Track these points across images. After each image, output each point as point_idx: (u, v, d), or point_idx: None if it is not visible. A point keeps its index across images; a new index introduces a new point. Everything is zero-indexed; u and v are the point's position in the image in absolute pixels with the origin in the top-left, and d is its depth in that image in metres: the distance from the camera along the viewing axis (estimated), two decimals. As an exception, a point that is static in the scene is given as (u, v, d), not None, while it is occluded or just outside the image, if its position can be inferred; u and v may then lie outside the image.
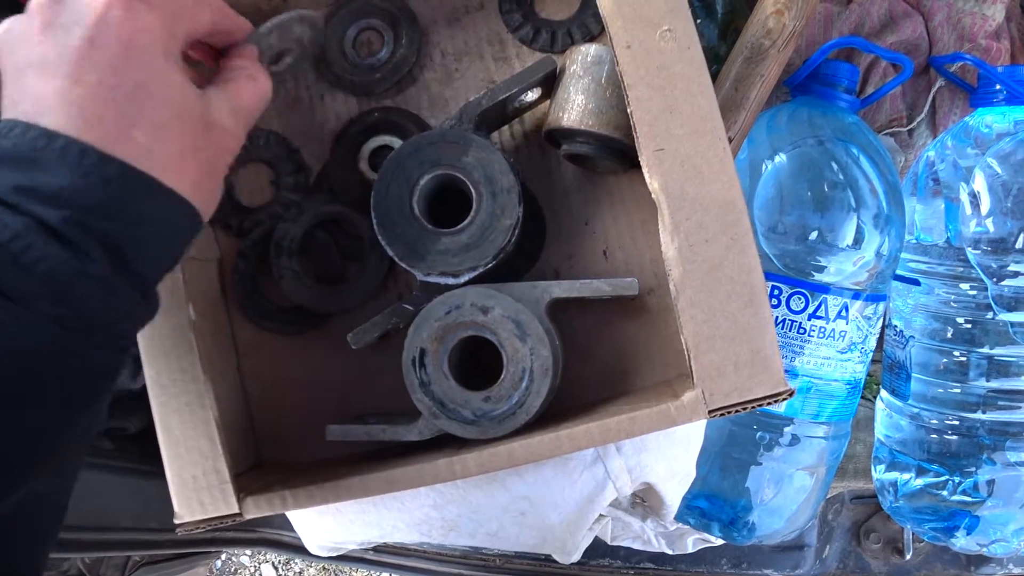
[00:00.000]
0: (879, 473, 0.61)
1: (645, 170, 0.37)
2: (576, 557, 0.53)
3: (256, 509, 0.40)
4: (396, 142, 0.45)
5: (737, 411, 0.37)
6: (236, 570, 1.17)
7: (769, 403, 0.37)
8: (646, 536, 0.64)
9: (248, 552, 1.15)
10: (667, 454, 0.46)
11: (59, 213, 0.27)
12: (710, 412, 0.37)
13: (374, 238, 0.45)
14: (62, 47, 0.29)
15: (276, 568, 1.16)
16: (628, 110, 0.37)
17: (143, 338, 0.41)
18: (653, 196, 0.37)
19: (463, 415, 0.39)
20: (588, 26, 0.46)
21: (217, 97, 0.34)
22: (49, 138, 0.28)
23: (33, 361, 0.26)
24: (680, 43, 0.38)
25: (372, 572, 1.10)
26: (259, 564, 1.16)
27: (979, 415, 0.55)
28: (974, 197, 0.53)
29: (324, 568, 1.12)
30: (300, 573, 1.15)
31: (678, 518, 0.58)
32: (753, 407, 0.37)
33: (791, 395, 0.37)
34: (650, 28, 0.38)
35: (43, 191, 0.27)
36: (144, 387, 0.59)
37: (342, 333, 0.47)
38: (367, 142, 0.46)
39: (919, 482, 0.58)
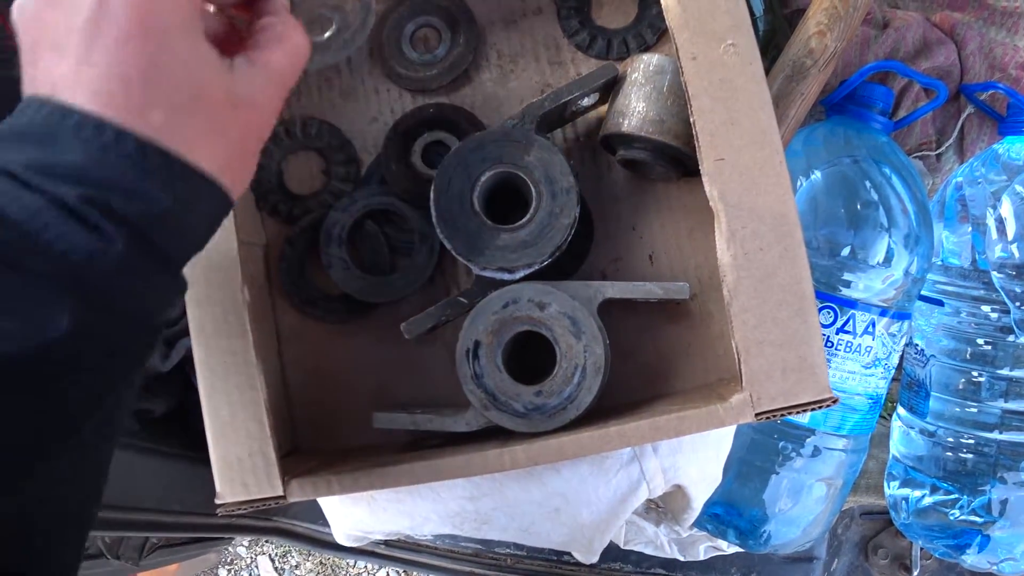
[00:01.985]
0: (892, 489, 0.62)
1: (705, 178, 0.38)
2: (596, 558, 0.54)
3: (301, 492, 0.41)
4: (450, 138, 0.46)
5: (783, 415, 0.38)
6: (232, 560, 1.16)
7: (814, 408, 0.38)
8: (659, 541, 0.65)
9: (245, 543, 1.15)
10: (700, 456, 0.47)
11: (75, 191, 0.26)
12: (757, 415, 0.37)
13: (424, 231, 0.46)
14: (69, 25, 0.27)
15: (273, 560, 1.15)
16: (691, 120, 0.38)
17: (193, 319, 0.42)
18: (711, 204, 0.38)
19: (514, 408, 0.39)
20: (643, 36, 0.47)
21: (246, 69, 0.31)
22: (63, 114, 0.27)
23: (54, 342, 0.25)
24: (743, 58, 0.39)
25: (370, 565, 1.11)
26: (255, 556, 1.15)
27: (995, 435, 0.56)
28: (1000, 223, 0.55)
29: (321, 563, 1.12)
30: (296, 566, 1.15)
31: (694, 523, 0.58)
32: (798, 412, 0.38)
33: (835, 402, 0.38)
34: (715, 42, 0.39)
35: (58, 168, 0.26)
36: (172, 369, 0.60)
37: (383, 323, 0.48)
38: (420, 137, 0.47)
39: (931, 499, 0.59)
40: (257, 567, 1.16)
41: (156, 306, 0.29)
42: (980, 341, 0.56)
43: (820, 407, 0.38)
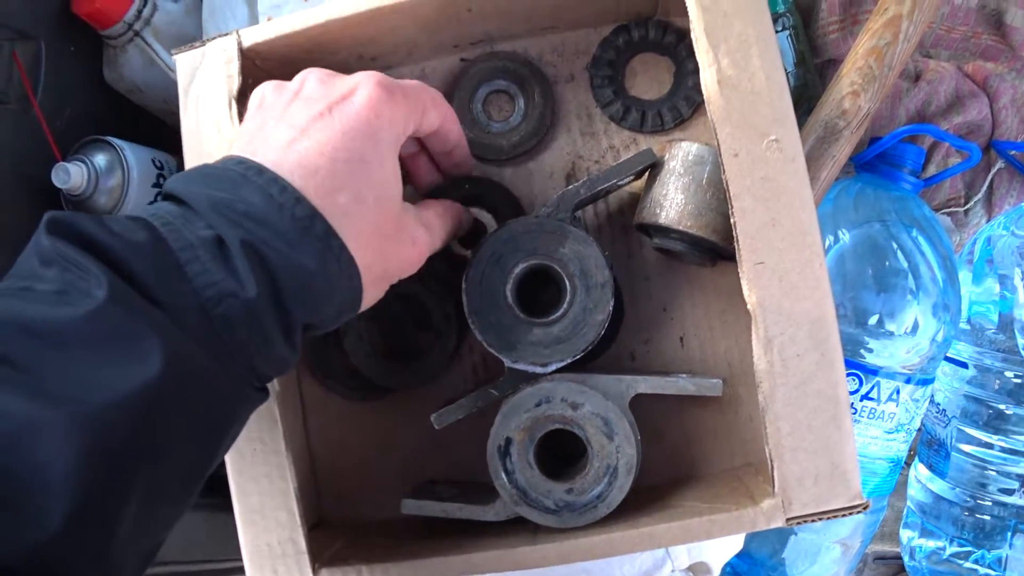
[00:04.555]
0: (907, 541, 0.63)
1: (744, 283, 0.37)
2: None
3: (331, 580, 0.41)
4: (485, 216, 0.45)
5: (813, 520, 0.38)
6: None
7: (845, 514, 0.38)
8: (673, 584, 0.66)
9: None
10: (723, 534, 0.47)
11: (238, 233, 0.28)
12: (788, 520, 0.38)
13: (448, 312, 0.45)
14: (307, 110, 0.32)
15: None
16: (732, 220, 0.37)
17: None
18: (749, 308, 0.37)
19: (544, 504, 0.39)
20: (679, 108, 0.46)
21: (413, 210, 0.35)
22: (259, 170, 0.29)
23: (165, 377, 0.25)
24: (786, 154, 0.38)
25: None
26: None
27: (1014, 499, 0.56)
28: (1029, 286, 0.54)
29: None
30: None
31: None
32: (829, 518, 0.38)
33: (866, 508, 0.38)
34: (757, 137, 0.38)
35: (235, 208, 0.28)
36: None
37: (410, 397, 0.47)
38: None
39: (949, 551, 0.60)
40: None
41: (266, 362, 0.30)
42: (1002, 406, 0.56)
43: (851, 513, 0.38)
